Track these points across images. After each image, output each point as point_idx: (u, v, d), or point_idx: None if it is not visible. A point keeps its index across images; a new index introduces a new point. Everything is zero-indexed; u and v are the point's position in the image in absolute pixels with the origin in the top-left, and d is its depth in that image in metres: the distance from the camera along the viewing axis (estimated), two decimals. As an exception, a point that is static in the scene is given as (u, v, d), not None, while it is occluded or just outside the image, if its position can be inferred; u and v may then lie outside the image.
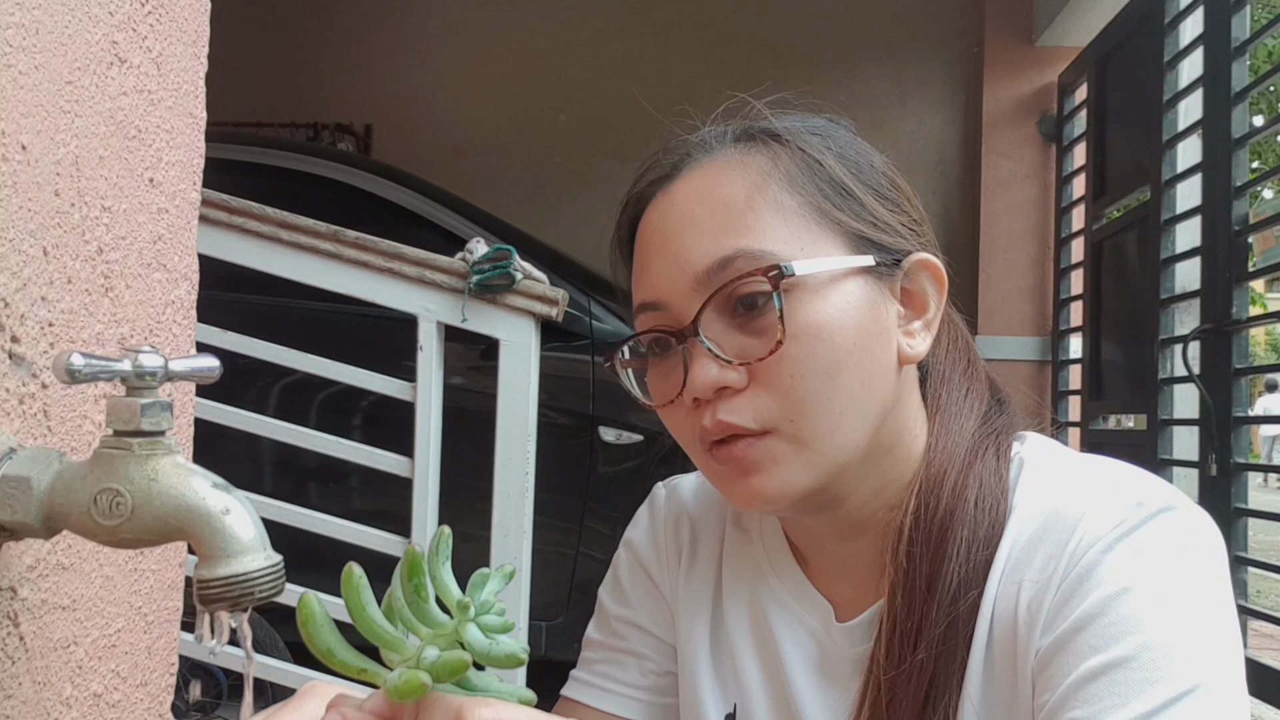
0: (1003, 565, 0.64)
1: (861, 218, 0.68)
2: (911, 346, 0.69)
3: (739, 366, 0.64)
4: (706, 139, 0.72)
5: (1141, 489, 0.63)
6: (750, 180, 0.67)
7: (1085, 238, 3.63)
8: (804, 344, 0.64)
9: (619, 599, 0.84)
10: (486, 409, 1.92)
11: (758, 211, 0.66)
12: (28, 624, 0.58)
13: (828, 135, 0.71)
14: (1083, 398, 3.59)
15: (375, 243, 1.84)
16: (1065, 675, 0.58)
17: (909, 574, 0.66)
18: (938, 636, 0.64)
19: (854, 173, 0.69)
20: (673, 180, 0.70)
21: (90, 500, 0.49)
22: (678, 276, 0.67)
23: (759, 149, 0.69)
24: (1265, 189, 8.95)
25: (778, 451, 0.65)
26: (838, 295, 0.65)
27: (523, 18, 4.72)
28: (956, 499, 0.66)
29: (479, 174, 4.46)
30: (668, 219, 0.69)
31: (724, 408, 0.65)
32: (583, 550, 2.63)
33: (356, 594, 0.49)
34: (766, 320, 0.64)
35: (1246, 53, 2.54)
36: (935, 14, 4.54)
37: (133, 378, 0.49)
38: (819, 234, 0.66)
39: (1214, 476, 2.51)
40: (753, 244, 0.65)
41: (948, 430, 0.70)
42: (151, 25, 0.70)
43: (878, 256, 0.67)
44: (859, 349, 0.65)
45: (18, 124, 0.55)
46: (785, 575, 0.76)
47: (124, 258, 0.68)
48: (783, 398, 0.64)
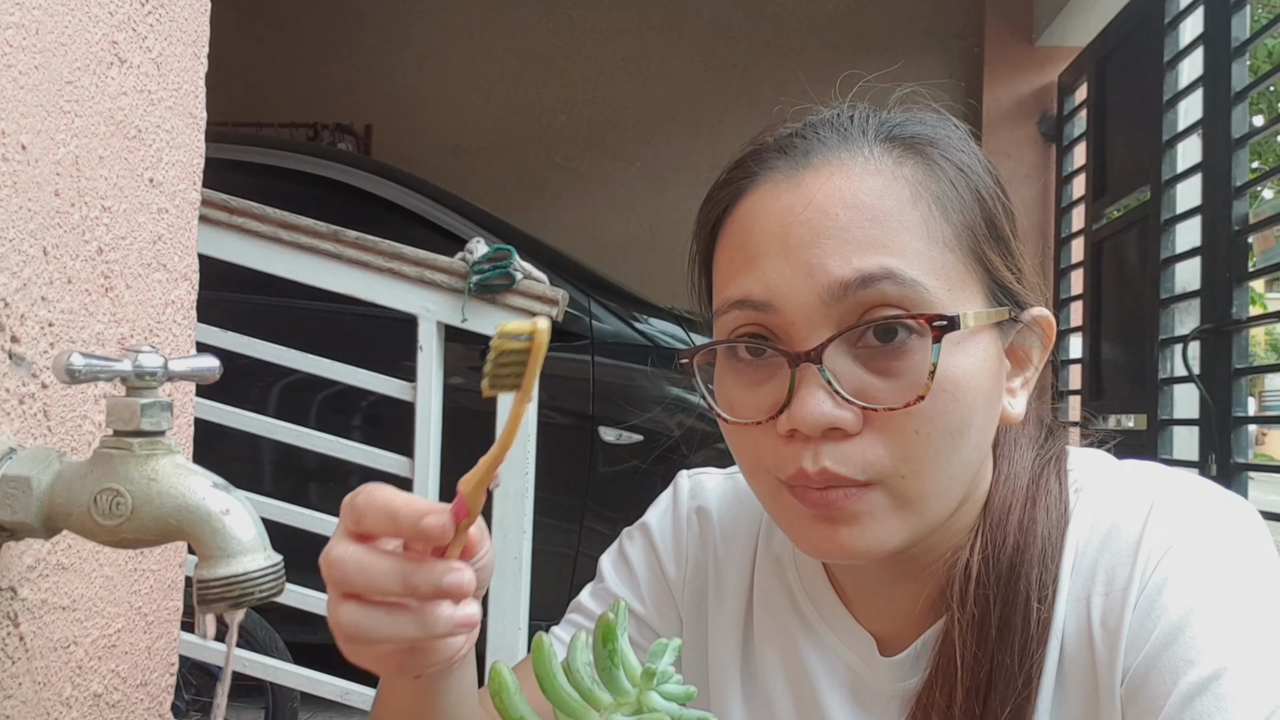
0: (1066, 584, 0.61)
1: (1008, 264, 0.61)
2: (1012, 406, 0.62)
3: (856, 408, 0.56)
4: (844, 124, 0.62)
5: (1199, 494, 0.61)
6: (903, 193, 0.58)
7: (1085, 238, 3.63)
8: (940, 401, 0.56)
9: (626, 581, 0.79)
10: (486, 409, 1.92)
11: (912, 232, 0.57)
12: (28, 624, 0.58)
13: (979, 156, 0.63)
14: (1083, 398, 3.59)
15: (375, 243, 1.84)
16: (1165, 693, 0.54)
17: (979, 618, 0.60)
18: (1011, 678, 0.59)
19: (1005, 208, 0.62)
20: (803, 169, 0.60)
21: (90, 500, 0.49)
22: (803, 282, 0.57)
23: (911, 157, 0.60)
24: (1265, 189, 8.94)
25: (878, 507, 0.58)
26: (976, 349, 0.58)
27: (523, 18, 4.73)
28: (1024, 534, 0.61)
29: (479, 174, 4.46)
30: (797, 213, 0.58)
31: (831, 452, 0.56)
32: (583, 550, 2.64)
33: (547, 663, 0.50)
34: (905, 364, 0.56)
35: (1246, 53, 2.54)
36: (935, 14, 4.54)
37: (133, 378, 0.49)
38: (965, 273, 0.58)
39: (1214, 476, 2.51)
40: (903, 268, 0.56)
41: (1010, 464, 0.65)
42: (151, 25, 0.70)
43: (1012, 310, 0.61)
44: (985, 410, 0.59)
45: (18, 124, 0.55)
46: (823, 606, 0.71)
47: (124, 258, 0.68)
48: (901, 452, 0.57)
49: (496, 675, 0.50)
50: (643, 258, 4.17)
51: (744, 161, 0.63)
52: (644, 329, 2.75)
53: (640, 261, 3.56)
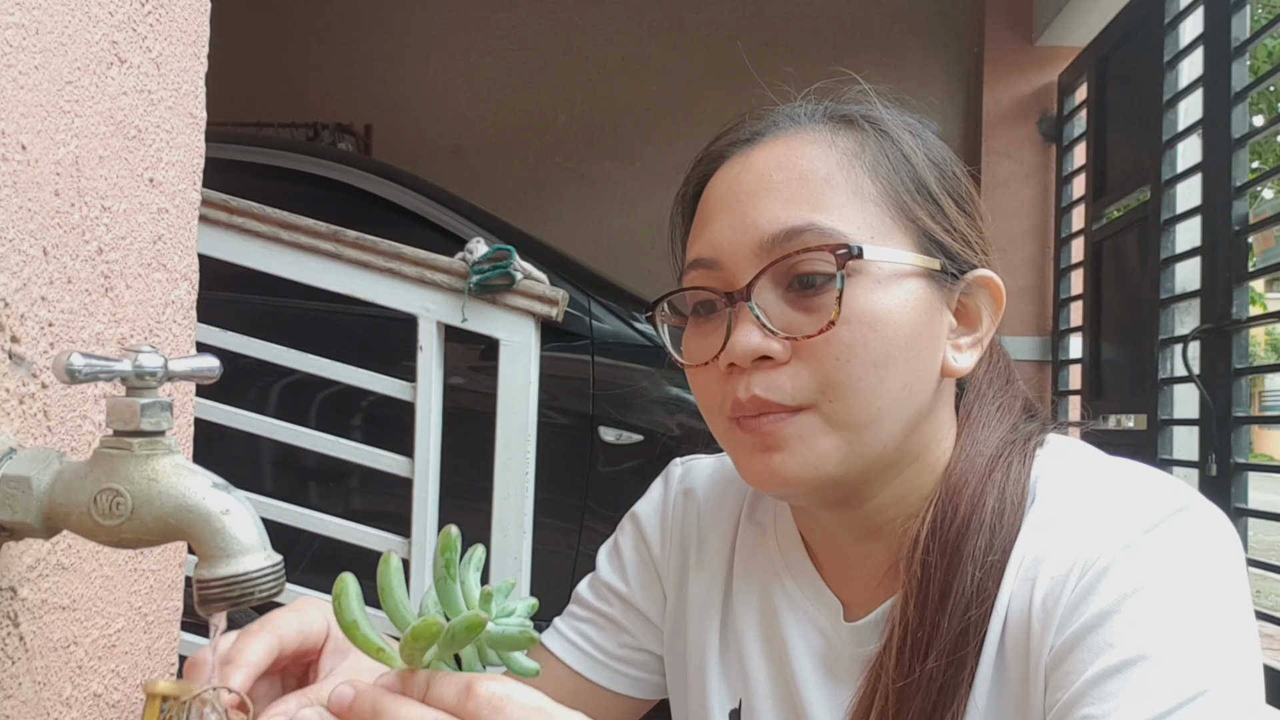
0: (1018, 564, 0.63)
1: (938, 220, 0.67)
2: (957, 360, 0.68)
3: (784, 339, 0.63)
4: (796, 112, 0.71)
5: (1159, 489, 0.63)
6: (835, 158, 0.66)
7: (1085, 238, 3.63)
8: (856, 330, 0.62)
9: (615, 567, 0.85)
10: (486, 409, 1.92)
11: (836, 190, 0.64)
12: (28, 624, 0.58)
13: (918, 133, 0.70)
14: (1083, 398, 3.59)
15: (375, 243, 1.84)
16: (1079, 673, 0.57)
17: (923, 583, 0.64)
18: (949, 646, 0.63)
19: (939, 175, 0.68)
20: (754, 145, 0.69)
21: (90, 500, 0.49)
22: (740, 238, 0.65)
23: (850, 130, 0.68)
24: (1265, 189, 8.95)
25: (808, 430, 0.63)
26: (899, 290, 0.64)
27: (523, 18, 4.73)
28: (974, 508, 0.65)
29: (479, 174, 4.46)
30: (742, 179, 0.67)
31: (761, 380, 0.63)
32: (583, 550, 2.63)
33: (391, 575, 0.51)
34: (823, 299, 0.63)
35: (1246, 53, 2.54)
36: (935, 14, 4.54)
37: (133, 378, 0.49)
38: (893, 226, 0.65)
39: (1214, 476, 2.51)
40: (825, 220, 0.63)
41: (974, 442, 0.69)
42: (151, 25, 0.70)
43: (945, 263, 0.66)
44: (909, 349, 0.64)
45: (18, 124, 0.55)
46: (798, 571, 0.75)
47: (124, 258, 0.68)
48: (824, 378, 0.63)
49: (341, 580, 0.50)
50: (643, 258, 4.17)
51: (711, 148, 0.72)
52: (644, 329, 2.75)
53: (640, 261, 3.55)
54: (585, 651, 0.83)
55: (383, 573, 0.51)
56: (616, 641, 0.84)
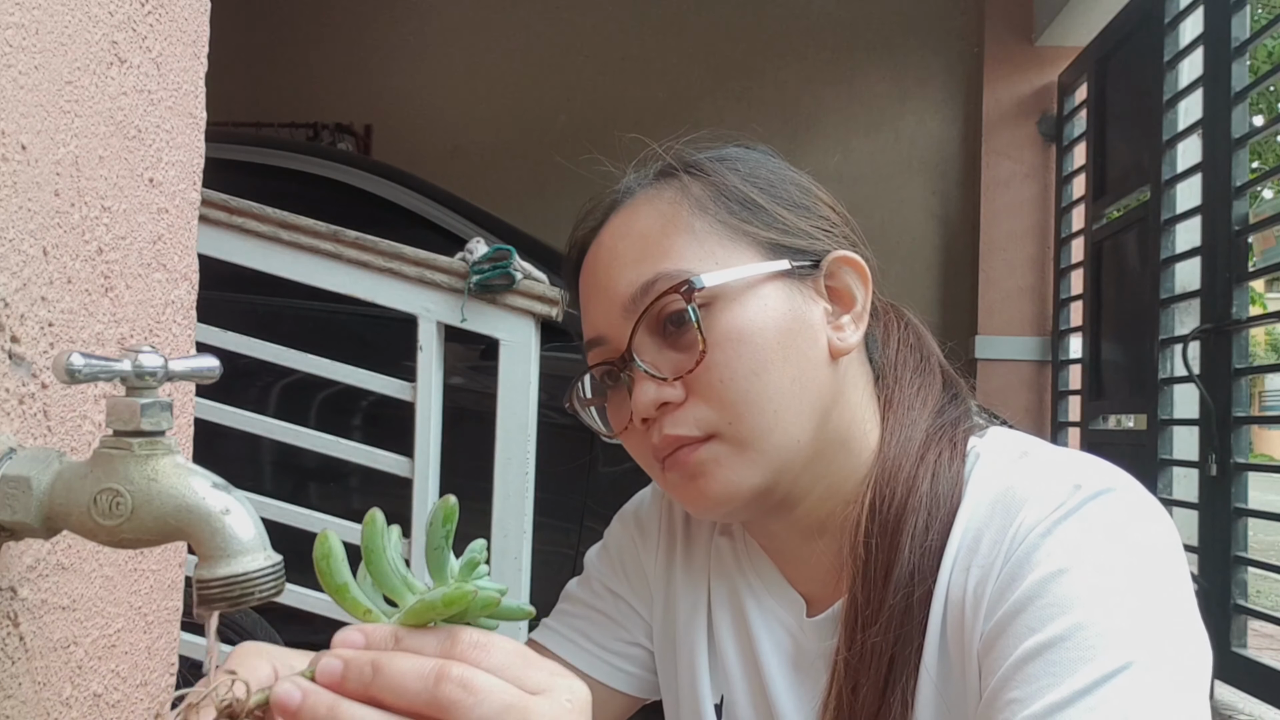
0: (955, 552, 0.66)
1: (772, 226, 0.72)
2: (842, 340, 0.72)
3: (674, 382, 0.69)
4: (629, 184, 0.78)
5: (1082, 472, 0.64)
6: (662, 210, 0.72)
7: (1085, 238, 3.63)
8: (726, 350, 0.68)
9: (606, 563, 0.90)
10: (486, 409, 1.92)
11: (671, 237, 0.71)
12: (28, 624, 0.58)
13: (734, 160, 0.76)
14: (1083, 398, 3.59)
15: (375, 243, 1.84)
16: (1005, 657, 0.59)
17: (866, 564, 0.68)
18: (894, 621, 0.66)
19: (760, 188, 0.74)
20: (603, 225, 0.76)
21: (90, 500, 0.49)
22: (609, 308, 0.72)
23: (669, 182, 0.75)
24: (1265, 189, 8.95)
25: (720, 454, 0.68)
26: (755, 301, 0.69)
27: (523, 18, 4.72)
28: (910, 489, 0.68)
29: (479, 174, 4.46)
30: (599, 259, 0.75)
31: (669, 422, 0.69)
32: (583, 550, 2.62)
33: (378, 537, 0.49)
34: (691, 334, 0.68)
35: (1246, 53, 2.54)
36: (935, 14, 4.54)
37: (133, 378, 0.49)
38: (732, 248, 0.70)
39: (1214, 476, 2.51)
40: (669, 266, 0.69)
41: (900, 425, 0.72)
42: (151, 25, 0.70)
43: (793, 260, 0.71)
44: (782, 347, 0.68)
45: (18, 124, 0.55)
46: (762, 572, 0.79)
47: (124, 258, 0.68)
48: (717, 403, 0.68)
49: (324, 541, 0.49)
50: (643, 258, 4.16)
51: (574, 238, 0.80)
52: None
53: (640, 261, 3.56)
54: (579, 645, 0.86)
55: (368, 534, 0.49)
56: (610, 635, 0.87)
